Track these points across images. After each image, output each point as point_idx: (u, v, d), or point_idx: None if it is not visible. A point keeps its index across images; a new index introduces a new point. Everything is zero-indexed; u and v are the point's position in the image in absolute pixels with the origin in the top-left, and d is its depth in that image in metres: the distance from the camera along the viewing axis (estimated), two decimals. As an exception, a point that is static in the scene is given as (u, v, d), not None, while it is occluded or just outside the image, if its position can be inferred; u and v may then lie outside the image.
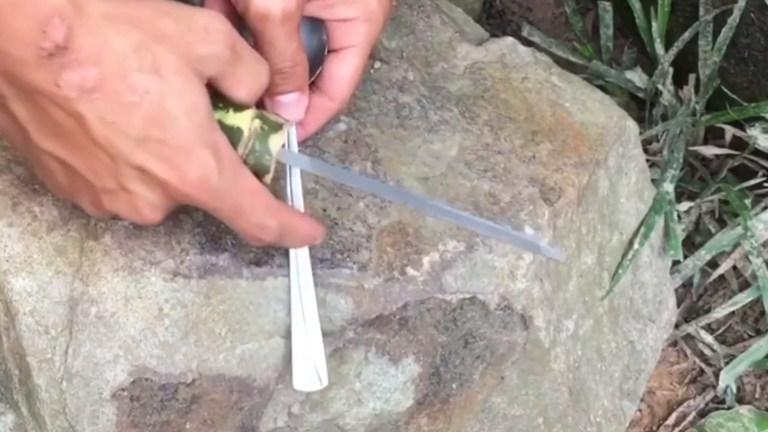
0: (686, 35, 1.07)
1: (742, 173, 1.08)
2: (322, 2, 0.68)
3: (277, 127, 0.65)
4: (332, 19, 0.69)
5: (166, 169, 0.58)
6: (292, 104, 0.69)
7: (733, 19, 1.04)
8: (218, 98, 0.62)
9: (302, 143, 0.74)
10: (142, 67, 0.57)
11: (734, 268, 1.07)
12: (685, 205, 1.06)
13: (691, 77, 1.07)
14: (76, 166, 0.59)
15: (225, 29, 0.60)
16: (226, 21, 0.60)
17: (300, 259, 0.69)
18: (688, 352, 1.09)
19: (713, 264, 1.06)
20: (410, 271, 0.73)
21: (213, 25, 0.60)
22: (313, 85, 0.71)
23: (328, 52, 0.71)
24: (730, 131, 1.06)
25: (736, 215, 1.03)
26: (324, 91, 0.71)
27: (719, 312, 1.06)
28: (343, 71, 0.71)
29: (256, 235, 0.63)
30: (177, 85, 0.58)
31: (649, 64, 1.14)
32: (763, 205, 1.04)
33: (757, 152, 1.04)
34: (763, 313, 1.08)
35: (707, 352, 1.09)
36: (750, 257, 1.02)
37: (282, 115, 0.68)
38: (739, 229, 1.02)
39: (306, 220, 0.67)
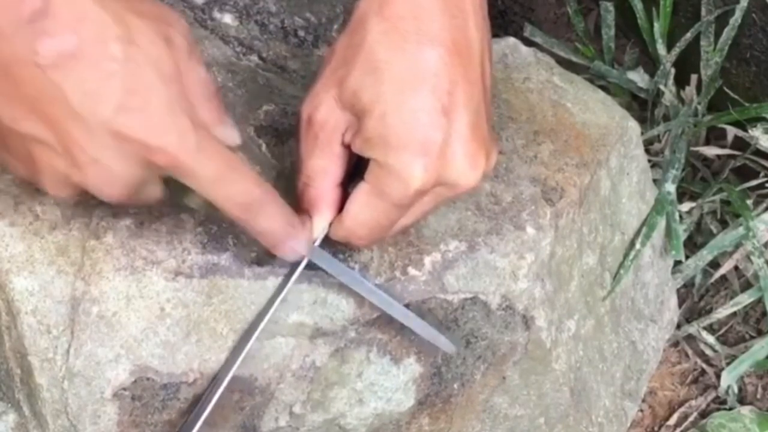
0: (688, 35, 1.07)
1: (743, 174, 1.08)
2: (361, 137, 0.65)
3: None
4: (365, 156, 0.66)
5: (145, 132, 0.58)
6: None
7: (735, 19, 1.04)
8: None
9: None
10: (120, 36, 0.57)
11: (736, 268, 1.07)
12: (686, 206, 1.06)
13: (693, 78, 1.07)
14: (48, 141, 0.58)
15: (188, 29, 0.62)
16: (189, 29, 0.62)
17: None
18: (690, 352, 1.09)
19: (715, 264, 1.06)
20: (412, 270, 0.72)
21: (180, 21, 0.62)
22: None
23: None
24: (731, 132, 1.06)
25: (738, 216, 1.03)
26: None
27: (721, 312, 1.06)
28: (351, 200, 0.67)
29: (238, 200, 0.62)
30: (154, 55, 0.58)
31: (650, 64, 1.14)
32: (764, 205, 1.04)
33: (759, 153, 1.04)
34: (764, 313, 1.08)
35: (709, 352, 1.09)
36: (752, 258, 1.01)
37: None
38: (741, 230, 1.02)
39: (286, 208, 0.65)
